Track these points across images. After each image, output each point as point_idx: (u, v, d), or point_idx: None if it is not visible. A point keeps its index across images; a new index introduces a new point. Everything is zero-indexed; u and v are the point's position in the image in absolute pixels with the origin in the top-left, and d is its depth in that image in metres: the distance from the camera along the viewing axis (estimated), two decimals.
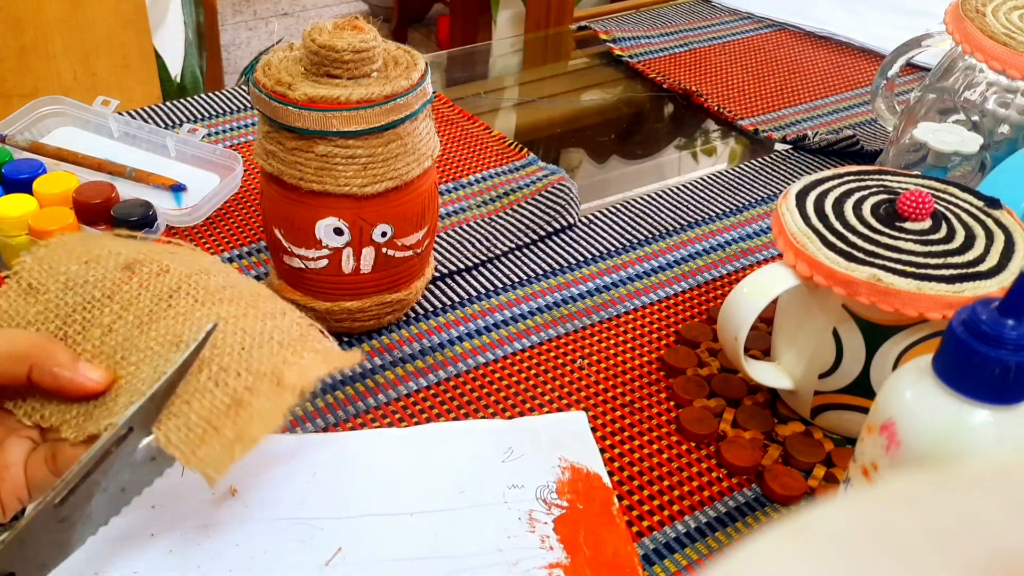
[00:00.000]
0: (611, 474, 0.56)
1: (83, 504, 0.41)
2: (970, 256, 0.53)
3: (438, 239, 0.73)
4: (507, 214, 0.77)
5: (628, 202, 0.81)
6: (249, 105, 0.90)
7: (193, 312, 0.43)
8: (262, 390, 0.42)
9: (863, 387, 0.55)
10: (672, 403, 0.61)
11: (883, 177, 0.59)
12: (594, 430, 0.58)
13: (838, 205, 0.56)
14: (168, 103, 0.89)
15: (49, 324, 0.43)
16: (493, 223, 0.76)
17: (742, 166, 0.87)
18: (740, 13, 1.17)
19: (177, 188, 0.75)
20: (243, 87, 0.95)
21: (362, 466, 0.54)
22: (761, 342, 0.64)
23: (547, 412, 0.59)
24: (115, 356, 0.42)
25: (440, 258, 0.71)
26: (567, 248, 0.75)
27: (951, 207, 0.56)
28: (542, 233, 0.75)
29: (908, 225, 0.54)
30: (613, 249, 0.75)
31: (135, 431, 0.41)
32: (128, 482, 0.42)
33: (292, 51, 0.59)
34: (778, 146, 0.91)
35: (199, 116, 0.88)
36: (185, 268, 0.45)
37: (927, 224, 0.54)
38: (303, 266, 0.60)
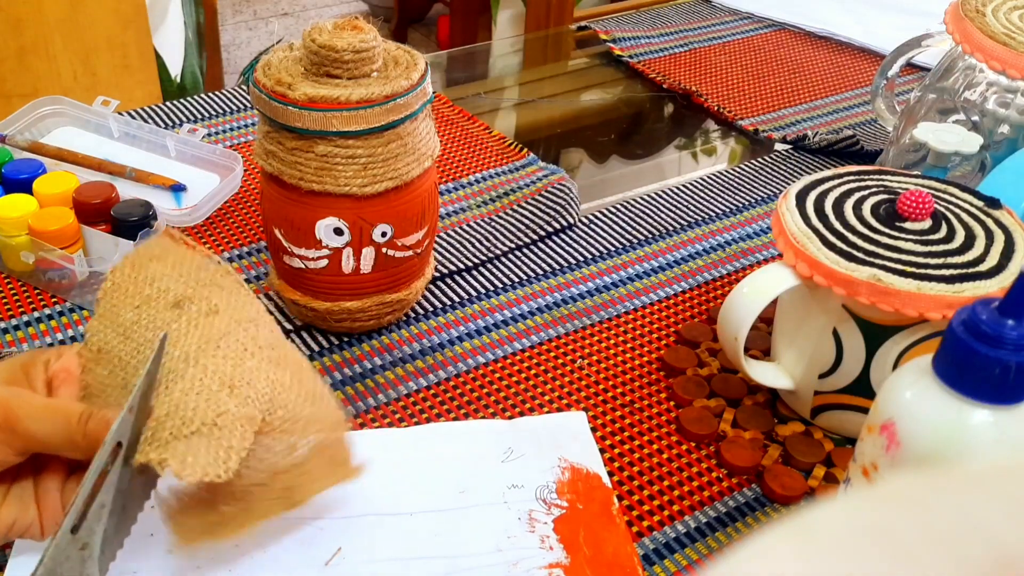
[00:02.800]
0: (611, 474, 0.56)
1: (96, 527, 0.41)
2: (970, 256, 0.53)
3: (438, 239, 0.73)
4: (507, 214, 0.77)
5: (628, 202, 0.81)
6: (249, 105, 0.90)
7: (243, 361, 0.45)
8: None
9: (863, 387, 0.55)
10: (672, 403, 0.61)
11: (883, 177, 0.59)
12: (594, 430, 0.58)
13: (838, 205, 0.56)
14: (168, 103, 0.89)
15: (116, 379, 0.45)
16: (493, 223, 0.76)
17: (742, 166, 0.87)
18: (740, 13, 1.17)
19: (177, 188, 0.75)
20: (243, 87, 0.95)
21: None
22: (761, 342, 0.64)
23: (547, 412, 0.59)
24: (160, 387, 0.44)
25: (440, 258, 0.71)
26: (567, 248, 0.75)
27: (951, 207, 0.56)
28: (542, 233, 0.75)
29: (908, 225, 0.54)
30: (613, 249, 0.75)
31: (123, 445, 0.42)
32: (127, 499, 0.43)
33: (292, 51, 0.59)
34: (778, 146, 0.91)
35: (199, 116, 0.88)
36: (234, 313, 0.47)
37: (927, 224, 0.54)
38: (303, 266, 0.60)
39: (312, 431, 0.46)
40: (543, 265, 0.72)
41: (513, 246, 0.74)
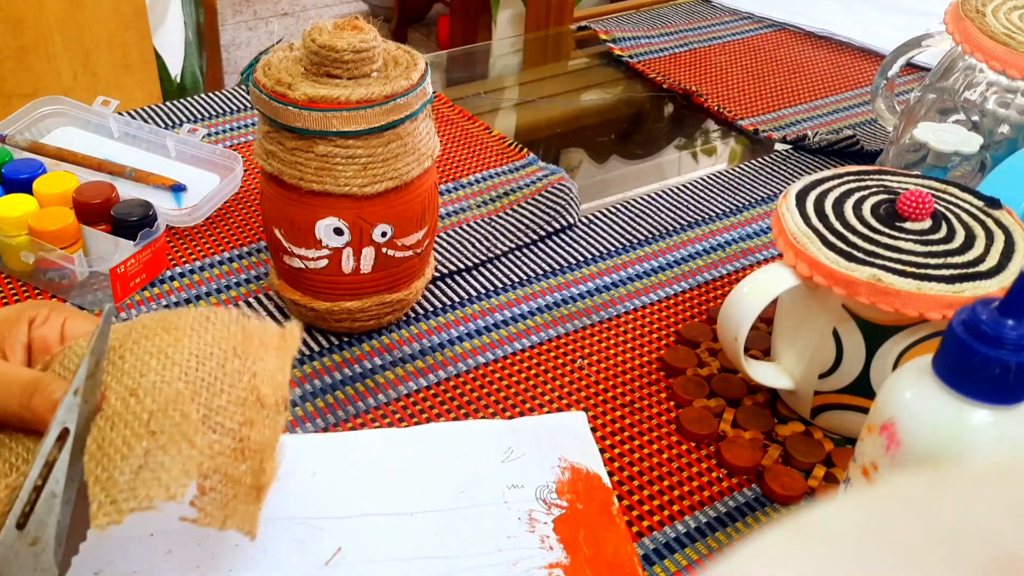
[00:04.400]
0: (611, 474, 0.56)
1: (48, 519, 0.38)
2: (970, 256, 0.53)
3: (438, 239, 0.73)
4: (507, 214, 0.77)
5: (628, 202, 0.81)
6: (249, 105, 0.90)
7: (122, 365, 0.41)
8: (255, 419, 0.42)
9: (863, 387, 0.55)
10: (672, 403, 0.61)
11: (883, 177, 0.59)
12: (594, 430, 0.58)
13: (838, 205, 0.56)
14: (168, 103, 0.90)
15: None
16: (493, 223, 0.76)
17: (742, 166, 0.87)
18: (740, 13, 1.17)
19: (177, 188, 0.75)
20: (243, 87, 0.95)
21: (362, 466, 0.54)
22: (761, 342, 0.64)
23: (547, 412, 0.59)
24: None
25: (440, 258, 0.71)
26: (567, 248, 0.75)
27: (951, 207, 0.56)
28: (542, 233, 0.75)
29: (908, 225, 0.54)
30: (613, 249, 0.75)
31: (71, 432, 0.39)
32: (84, 488, 0.40)
33: (292, 51, 0.59)
34: (778, 146, 0.91)
35: (199, 116, 0.88)
36: (64, 362, 0.43)
37: (927, 224, 0.54)
38: (303, 266, 0.60)
39: (226, 341, 0.43)
40: (543, 265, 0.72)
41: (513, 246, 0.74)
